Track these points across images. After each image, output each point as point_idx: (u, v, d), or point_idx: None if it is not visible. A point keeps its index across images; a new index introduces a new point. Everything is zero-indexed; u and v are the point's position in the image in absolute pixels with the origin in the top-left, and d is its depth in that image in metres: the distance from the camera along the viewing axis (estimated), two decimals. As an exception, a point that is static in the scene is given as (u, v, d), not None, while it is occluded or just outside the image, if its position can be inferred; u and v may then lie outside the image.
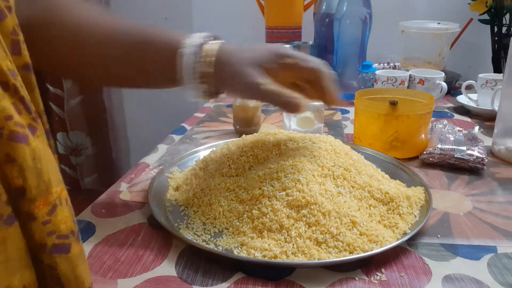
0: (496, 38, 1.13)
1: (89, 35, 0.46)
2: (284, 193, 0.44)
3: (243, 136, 0.58)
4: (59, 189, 0.26)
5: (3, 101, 0.23)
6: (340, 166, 0.49)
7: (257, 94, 0.44)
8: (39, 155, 0.25)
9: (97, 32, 0.46)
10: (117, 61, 0.47)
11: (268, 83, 0.43)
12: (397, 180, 0.55)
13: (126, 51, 0.46)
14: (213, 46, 0.45)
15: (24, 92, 0.25)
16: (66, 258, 0.26)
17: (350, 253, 0.40)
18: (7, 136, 0.23)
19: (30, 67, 0.27)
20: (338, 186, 0.47)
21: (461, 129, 0.71)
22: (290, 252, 0.40)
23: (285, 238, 0.41)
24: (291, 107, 0.43)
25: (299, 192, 0.44)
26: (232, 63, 0.44)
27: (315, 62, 0.46)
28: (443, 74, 0.96)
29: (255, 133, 0.59)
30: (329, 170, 0.48)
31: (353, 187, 0.47)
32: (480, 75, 0.90)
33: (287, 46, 0.48)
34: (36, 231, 0.24)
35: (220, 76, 0.45)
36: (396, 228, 0.44)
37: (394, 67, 1.17)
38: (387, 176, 0.55)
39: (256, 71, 0.44)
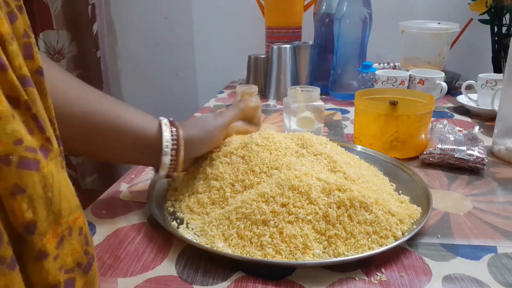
0: (496, 38, 1.13)
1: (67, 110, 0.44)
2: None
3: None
4: (71, 218, 0.24)
5: (13, 123, 0.20)
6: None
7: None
8: (51, 181, 0.22)
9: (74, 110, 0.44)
10: (92, 141, 0.47)
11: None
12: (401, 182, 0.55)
13: (101, 134, 0.46)
14: (180, 142, 0.49)
15: (36, 107, 0.23)
16: None
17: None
18: (16, 163, 0.20)
19: (42, 71, 0.25)
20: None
21: (461, 129, 0.71)
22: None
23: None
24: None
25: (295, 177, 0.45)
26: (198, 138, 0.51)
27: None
28: (443, 74, 0.96)
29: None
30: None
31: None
32: (480, 75, 0.90)
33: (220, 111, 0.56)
34: (50, 269, 0.22)
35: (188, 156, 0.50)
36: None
37: (394, 67, 1.16)
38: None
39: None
